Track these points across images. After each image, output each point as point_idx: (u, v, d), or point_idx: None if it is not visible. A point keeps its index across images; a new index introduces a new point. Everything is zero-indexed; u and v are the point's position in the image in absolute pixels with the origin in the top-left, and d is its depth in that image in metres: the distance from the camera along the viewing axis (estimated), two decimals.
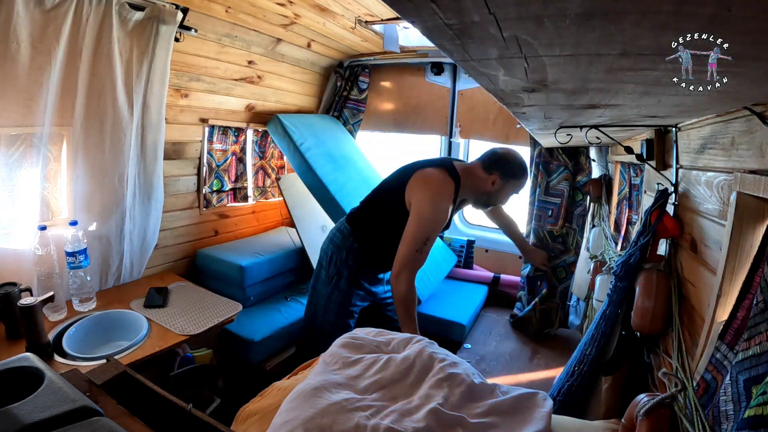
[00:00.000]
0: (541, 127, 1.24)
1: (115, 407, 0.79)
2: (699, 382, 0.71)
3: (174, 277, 2.00)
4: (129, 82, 1.67)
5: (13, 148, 1.49)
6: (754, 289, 0.62)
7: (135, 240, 1.89)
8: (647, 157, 1.20)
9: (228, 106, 2.29)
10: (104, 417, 0.67)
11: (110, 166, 1.71)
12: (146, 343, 1.42)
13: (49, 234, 1.45)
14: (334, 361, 1.04)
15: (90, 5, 1.45)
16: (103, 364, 0.96)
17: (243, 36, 2.05)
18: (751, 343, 0.56)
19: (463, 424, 0.84)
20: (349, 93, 2.90)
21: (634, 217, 1.59)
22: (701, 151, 0.92)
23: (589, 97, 0.66)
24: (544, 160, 2.39)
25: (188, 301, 1.74)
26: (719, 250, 0.76)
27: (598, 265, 1.74)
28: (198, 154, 2.25)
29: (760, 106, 0.65)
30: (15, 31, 1.30)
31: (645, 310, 0.97)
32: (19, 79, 1.37)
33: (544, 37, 0.36)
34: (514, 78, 0.53)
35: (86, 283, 1.58)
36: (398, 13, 0.33)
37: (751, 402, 0.49)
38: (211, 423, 0.78)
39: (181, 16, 1.69)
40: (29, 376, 0.72)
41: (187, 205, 2.26)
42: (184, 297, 1.77)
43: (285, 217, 2.74)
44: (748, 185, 0.67)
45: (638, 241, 1.07)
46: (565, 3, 0.29)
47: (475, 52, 0.43)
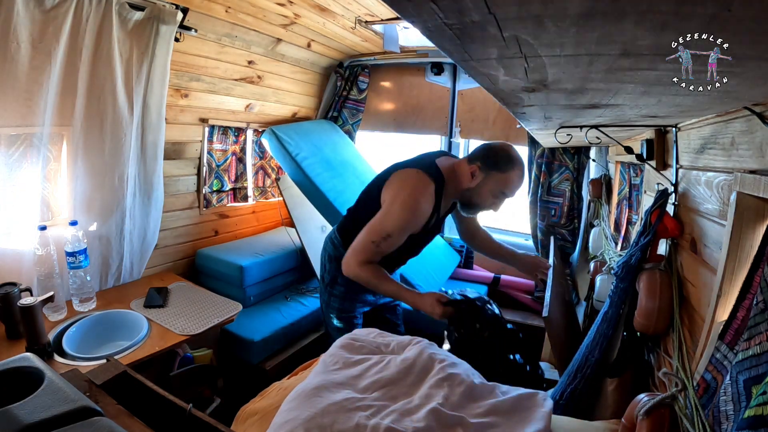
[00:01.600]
0: (541, 127, 1.24)
1: (115, 407, 0.79)
2: (699, 382, 0.71)
3: (174, 277, 2.00)
4: (129, 82, 1.67)
5: (13, 148, 1.49)
6: (754, 289, 0.62)
7: (135, 240, 1.89)
8: (647, 157, 1.20)
9: (228, 106, 2.30)
10: (104, 417, 0.67)
11: (110, 166, 1.71)
12: (146, 343, 1.42)
13: (49, 234, 1.45)
14: (334, 361, 1.04)
15: (90, 5, 1.45)
16: (103, 364, 0.96)
17: (243, 36, 2.05)
18: (751, 343, 0.56)
19: (463, 424, 0.84)
20: (349, 93, 2.90)
21: (634, 217, 1.60)
22: (701, 151, 0.92)
23: (589, 97, 0.66)
24: (547, 160, 2.39)
25: (188, 301, 1.74)
26: (719, 250, 0.76)
27: (598, 265, 1.74)
28: (198, 154, 2.25)
29: (760, 106, 0.65)
30: (15, 31, 1.30)
31: (649, 310, 0.97)
32: (19, 79, 1.37)
33: (544, 37, 0.36)
34: (514, 78, 0.53)
35: (86, 283, 1.58)
36: (398, 13, 0.33)
37: (751, 402, 0.49)
38: (211, 423, 0.77)
39: (181, 16, 1.69)
40: (29, 376, 0.72)
41: (187, 205, 2.26)
42: (184, 297, 1.77)
43: (285, 217, 2.74)
44: (748, 185, 0.67)
45: (639, 242, 1.07)
46: (565, 3, 0.29)
47: (475, 52, 0.43)
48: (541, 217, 2.45)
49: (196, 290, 1.86)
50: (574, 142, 1.51)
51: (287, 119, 2.78)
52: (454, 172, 1.44)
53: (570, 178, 2.37)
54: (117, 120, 1.67)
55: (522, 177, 1.42)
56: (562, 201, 2.40)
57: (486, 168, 1.39)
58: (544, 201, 2.44)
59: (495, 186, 1.40)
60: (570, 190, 2.38)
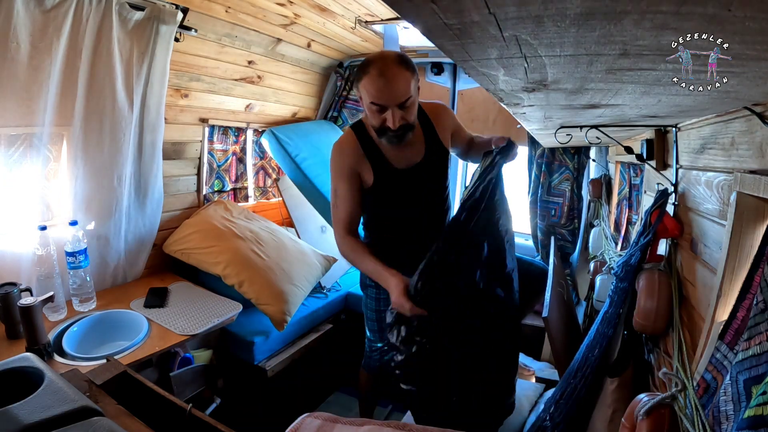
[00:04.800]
0: (541, 127, 1.24)
1: (115, 407, 0.79)
2: (699, 382, 0.71)
3: (174, 277, 1.99)
4: (129, 82, 1.67)
5: (13, 148, 1.49)
6: (754, 289, 0.62)
7: (133, 239, 1.89)
8: (647, 157, 1.20)
9: (228, 106, 2.29)
10: (104, 417, 0.67)
11: (109, 166, 1.71)
12: (146, 343, 1.42)
13: (49, 234, 1.45)
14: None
15: (90, 5, 1.45)
16: (103, 364, 0.96)
17: (243, 36, 2.05)
18: (751, 343, 0.56)
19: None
20: (349, 93, 2.90)
21: (634, 217, 1.60)
22: (701, 151, 0.92)
23: (589, 97, 0.66)
24: (547, 160, 2.39)
25: (188, 301, 1.74)
26: (719, 250, 0.76)
27: (598, 265, 1.74)
28: (198, 154, 2.25)
29: (760, 106, 0.65)
30: (15, 31, 1.30)
31: (648, 310, 0.97)
32: (19, 79, 1.37)
33: (544, 37, 0.36)
34: (514, 78, 0.53)
35: (86, 283, 1.58)
36: (398, 13, 0.33)
37: (751, 402, 0.49)
38: (211, 423, 0.78)
39: (181, 16, 1.69)
40: (29, 376, 0.72)
41: (187, 205, 2.26)
42: (184, 297, 1.77)
43: (285, 217, 2.74)
44: (748, 185, 0.67)
45: (638, 241, 1.07)
46: (565, 3, 0.29)
47: (475, 52, 0.43)
48: (541, 217, 2.45)
49: (196, 290, 1.86)
50: (574, 142, 1.51)
51: (287, 119, 2.78)
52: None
53: (570, 178, 2.37)
54: (117, 120, 1.67)
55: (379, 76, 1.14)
56: (562, 201, 2.40)
57: (357, 83, 1.21)
58: (544, 201, 2.44)
59: (365, 98, 1.20)
60: (570, 190, 2.38)
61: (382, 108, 1.19)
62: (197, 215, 2.13)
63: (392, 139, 1.24)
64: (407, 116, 1.22)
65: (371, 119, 1.24)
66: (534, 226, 2.51)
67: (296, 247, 2.19)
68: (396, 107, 1.18)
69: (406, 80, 1.18)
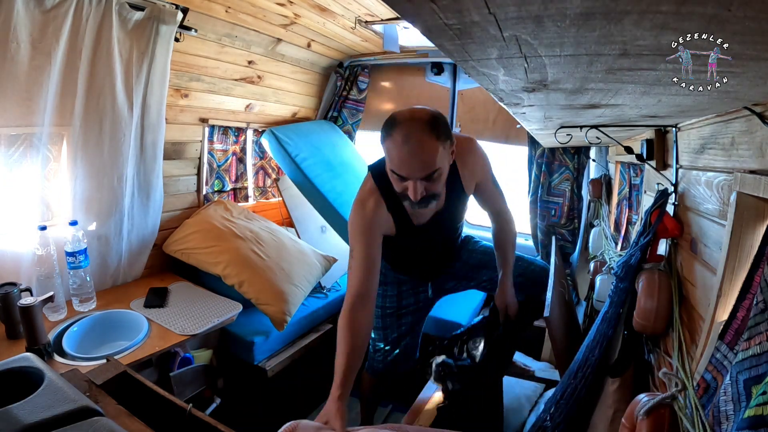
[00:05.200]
0: (541, 127, 1.24)
1: (115, 407, 0.79)
2: (699, 382, 0.71)
3: (174, 277, 1.99)
4: (129, 82, 1.67)
5: (13, 148, 1.49)
6: (754, 289, 0.62)
7: (134, 240, 1.89)
8: (647, 157, 1.20)
9: (228, 106, 2.30)
10: (104, 417, 0.67)
11: (109, 166, 1.71)
12: (146, 343, 1.42)
13: (49, 234, 1.45)
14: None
15: (90, 5, 1.45)
16: (103, 364, 0.96)
17: (243, 36, 2.05)
18: (751, 343, 0.56)
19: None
20: (349, 93, 2.90)
21: (634, 217, 1.60)
22: (701, 151, 0.92)
23: (589, 97, 0.66)
24: (547, 160, 2.39)
25: (188, 301, 1.74)
26: (719, 250, 0.76)
27: (598, 265, 1.74)
28: (198, 154, 2.25)
29: (760, 106, 0.65)
30: (15, 31, 1.30)
31: (648, 310, 0.97)
32: (19, 79, 1.37)
33: (544, 37, 0.36)
34: (514, 78, 0.53)
35: (86, 283, 1.58)
36: (398, 13, 0.33)
37: (751, 402, 0.49)
38: (211, 423, 0.78)
39: (181, 16, 1.69)
40: (29, 376, 0.72)
41: (187, 205, 2.26)
42: (184, 297, 1.77)
43: (285, 217, 2.74)
44: (748, 185, 0.67)
45: (638, 241, 1.07)
46: (565, 3, 0.29)
47: (475, 52, 0.43)
48: (542, 217, 2.45)
49: (196, 290, 1.86)
50: (574, 142, 1.51)
51: (287, 119, 2.78)
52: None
53: (570, 178, 2.37)
54: (117, 120, 1.67)
55: (403, 143, 1.00)
56: (562, 201, 2.40)
57: (382, 139, 1.07)
58: (544, 201, 2.44)
59: (387, 161, 1.07)
60: (570, 190, 2.38)
61: (399, 179, 1.06)
62: (197, 215, 2.13)
63: (414, 206, 1.10)
64: (432, 188, 1.07)
65: (393, 183, 1.10)
66: (534, 226, 2.51)
67: (296, 247, 2.19)
68: (419, 180, 1.04)
69: (434, 150, 1.02)
